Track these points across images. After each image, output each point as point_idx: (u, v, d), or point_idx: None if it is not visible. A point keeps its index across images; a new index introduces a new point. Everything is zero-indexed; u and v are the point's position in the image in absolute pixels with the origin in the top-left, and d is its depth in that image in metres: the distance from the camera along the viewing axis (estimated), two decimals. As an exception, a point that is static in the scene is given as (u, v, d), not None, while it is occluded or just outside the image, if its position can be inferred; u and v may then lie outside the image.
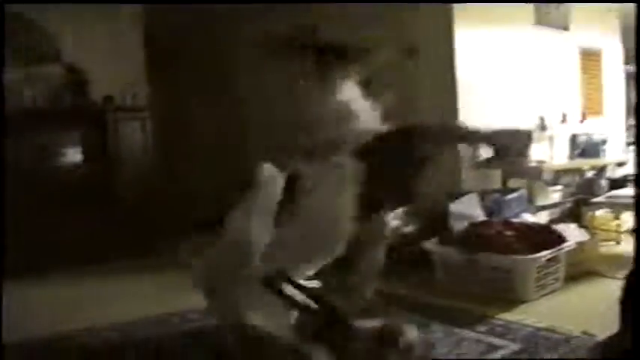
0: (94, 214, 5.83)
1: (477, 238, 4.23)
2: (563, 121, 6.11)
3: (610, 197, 5.32)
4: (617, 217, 5.48)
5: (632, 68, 7.02)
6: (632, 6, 4.26)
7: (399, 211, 4.99)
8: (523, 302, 3.92)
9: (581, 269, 4.41)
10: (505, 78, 5.70)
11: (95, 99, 6.12)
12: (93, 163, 6.06)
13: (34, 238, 5.48)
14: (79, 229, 5.66)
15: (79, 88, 6.07)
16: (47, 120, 5.90)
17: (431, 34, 5.50)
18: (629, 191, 5.24)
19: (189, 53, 8.38)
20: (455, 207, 4.74)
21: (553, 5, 6.16)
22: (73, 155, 6.01)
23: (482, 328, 3.51)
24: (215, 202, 7.22)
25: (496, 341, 3.31)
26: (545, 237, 4.23)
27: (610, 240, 5.39)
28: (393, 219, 4.92)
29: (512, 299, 3.94)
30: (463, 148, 5.13)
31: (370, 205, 3.23)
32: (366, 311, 3.30)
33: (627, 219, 5.39)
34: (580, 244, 4.44)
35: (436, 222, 4.74)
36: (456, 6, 5.35)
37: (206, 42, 8.11)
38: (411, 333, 2.98)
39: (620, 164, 6.32)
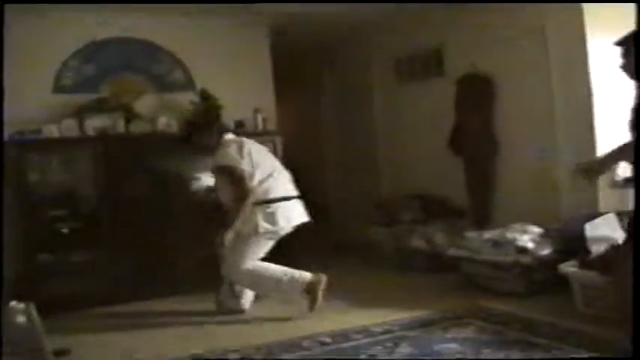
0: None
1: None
2: None
3: None
4: None
5: None
6: None
7: (535, 233, 4.90)
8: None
9: None
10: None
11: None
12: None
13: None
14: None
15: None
16: (182, 145, 6.13)
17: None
18: None
19: (317, 75, 8.57)
20: (591, 228, 4.58)
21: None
22: (207, 179, 6.13)
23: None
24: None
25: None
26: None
27: None
28: (529, 241, 4.83)
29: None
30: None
31: None
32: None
33: None
34: None
35: (572, 244, 4.61)
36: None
37: (334, 63, 8.28)
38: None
39: None
